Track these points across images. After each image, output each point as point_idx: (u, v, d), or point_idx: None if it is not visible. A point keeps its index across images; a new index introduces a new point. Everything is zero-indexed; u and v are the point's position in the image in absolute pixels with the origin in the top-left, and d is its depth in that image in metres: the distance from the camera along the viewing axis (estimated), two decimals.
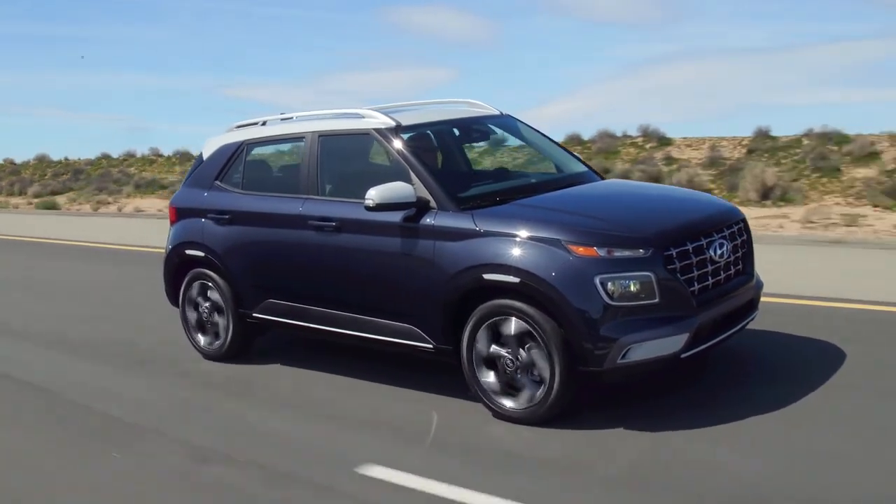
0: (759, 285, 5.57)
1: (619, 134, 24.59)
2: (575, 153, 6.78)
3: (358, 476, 4.49)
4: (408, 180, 5.41)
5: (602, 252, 4.70)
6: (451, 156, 6.47)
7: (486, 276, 4.95)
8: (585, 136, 24.95)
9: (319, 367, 6.49)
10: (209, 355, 6.88)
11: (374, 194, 5.27)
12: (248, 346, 6.84)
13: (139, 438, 5.32)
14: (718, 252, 5.06)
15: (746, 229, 5.54)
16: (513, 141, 6.95)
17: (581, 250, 4.72)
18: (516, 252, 4.86)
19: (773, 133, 21.60)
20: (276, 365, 6.70)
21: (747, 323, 5.42)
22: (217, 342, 6.80)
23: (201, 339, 6.93)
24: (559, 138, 10.08)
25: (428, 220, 5.27)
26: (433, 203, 5.30)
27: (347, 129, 6.03)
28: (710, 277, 5.01)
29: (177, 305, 7.11)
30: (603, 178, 6.38)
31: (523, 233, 4.90)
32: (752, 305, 5.44)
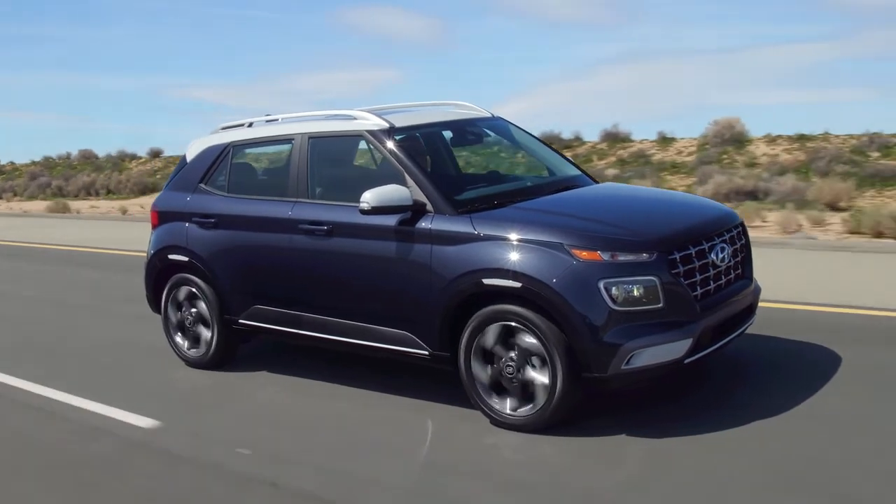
0: (758, 290, 5.53)
1: (568, 136, 25.19)
2: (567, 156, 6.71)
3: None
4: (402, 183, 5.29)
5: (606, 256, 4.62)
6: (444, 159, 6.37)
7: (486, 281, 4.84)
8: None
9: (305, 374, 6.35)
10: (192, 362, 6.70)
11: (369, 197, 5.14)
12: (232, 353, 6.67)
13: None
14: (720, 256, 5.01)
15: (745, 233, 5.49)
16: (502, 143, 6.87)
17: (585, 254, 4.63)
18: (517, 256, 4.76)
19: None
20: (263, 372, 6.54)
21: (746, 328, 5.37)
22: (201, 349, 6.62)
23: (184, 346, 6.75)
24: None
25: (424, 223, 5.15)
26: (429, 206, 5.18)
27: (339, 130, 5.90)
28: (711, 282, 4.96)
29: (159, 312, 6.92)
30: (596, 182, 6.31)
31: (524, 236, 4.80)
32: (751, 310, 5.39)
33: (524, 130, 6.69)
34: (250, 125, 6.57)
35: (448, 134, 6.26)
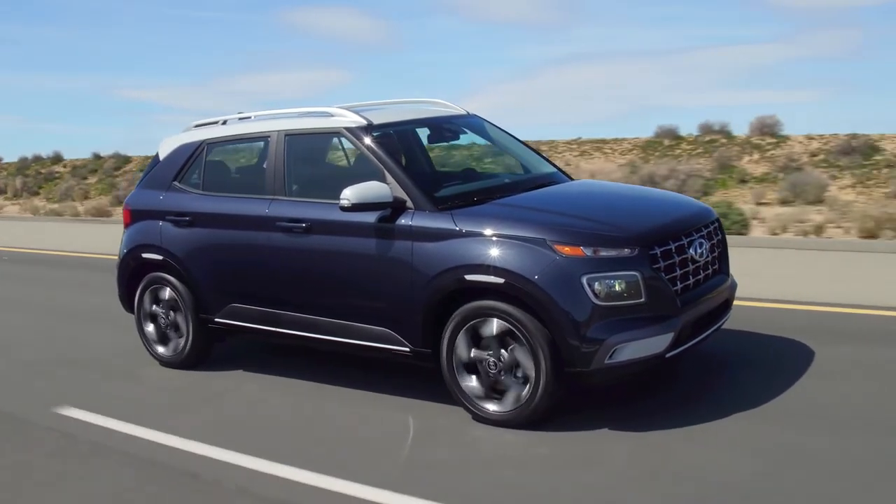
0: (734, 285, 5.59)
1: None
2: (542, 153, 6.74)
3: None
4: (382, 180, 5.27)
5: (588, 252, 4.65)
6: (419, 156, 6.36)
7: (468, 277, 4.85)
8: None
9: (281, 372, 6.30)
10: (167, 362, 6.62)
11: (349, 194, 5.12)
12: (208, 352, 6.60)
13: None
14: (698, 251, 5.07)
15: (721, 229, 5.55)
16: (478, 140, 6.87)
17: (567, 250, 4.65)
18: (500, 252, 4.77)
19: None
20: (239, 371, 6.48)
21: (723, 323, 5.43)
22: (176, 348, 6.55)
23: (158, 346, 6.67)
24: None
25: (405, 220, 5.14)
26: (410, 203, 5.18)
27: (316, 127, 5.87)
28: (691, 277, 5.01)
29: (132, 311, 6.83)
30: (572, 179, 6.34)
31: (507, 232, 4.81)
32: (727, 305, 5.46)
33: (499, 128, 6.70)
34: (224, 123, 6.51)
35: (425, 131, 6.24)
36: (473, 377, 4.98)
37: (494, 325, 4.84)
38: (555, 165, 6.49)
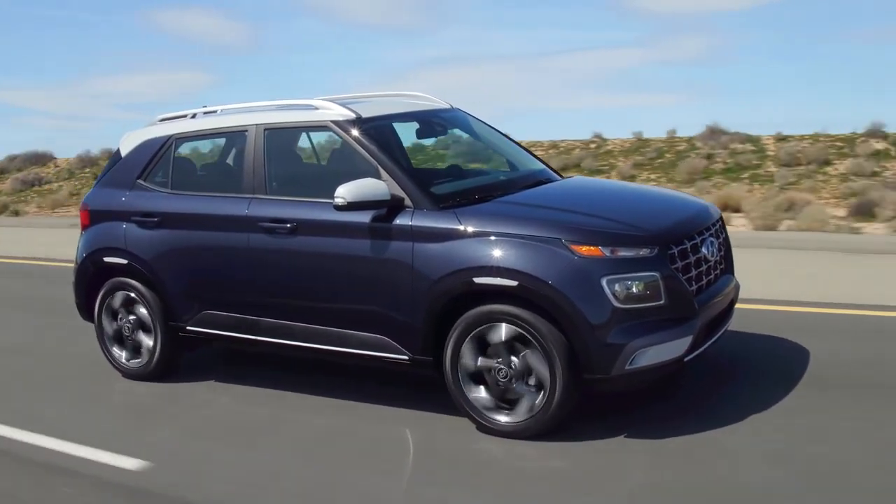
0: (738, 285, 5.43)
1: None
2: (529, 150, 6.48)
3: None
4: (376, 176, 4.95)
5: (607, 252, 4.40)
6: (407, 151, 6.04)
7: (477, 280, 4.55)
8: None
9: (258, 382, 5.91)
10: (131, 374, 6.16)
11: (344, 192, 4.77)
12: (177, 362, 6.16)
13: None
14: (710, 250, 4.88)
15: (724, 227, 5.38)
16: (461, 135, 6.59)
17: (584, 250, 4.40)
18: (511, 253, 4.49)
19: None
20: (210, 382, 6.06)
21: (729, 323, 5.26)
22: (141, 359, 6.09)
23: (122, 357, 6.19)
24: None
25: (404, 219, 4.82)
26: (408, 201, 4.86)
27: (300, 121, 5.51)
28: (704, 277, 4.82)
29: (91, 320, 6.34)
30: (563, 177, 6.10)
31: (518, 232, 4.53)
32: (733, 306, 5.29)
33: (484, 122, 6.43)
34: (193, 116, 6.08)
35: (414, 126, 5.92)
36: (481, 387, 4.69)
37: (503, 331, 4.56)
38: (543, 162, 6.25)
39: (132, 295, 6.01)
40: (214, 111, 6.03)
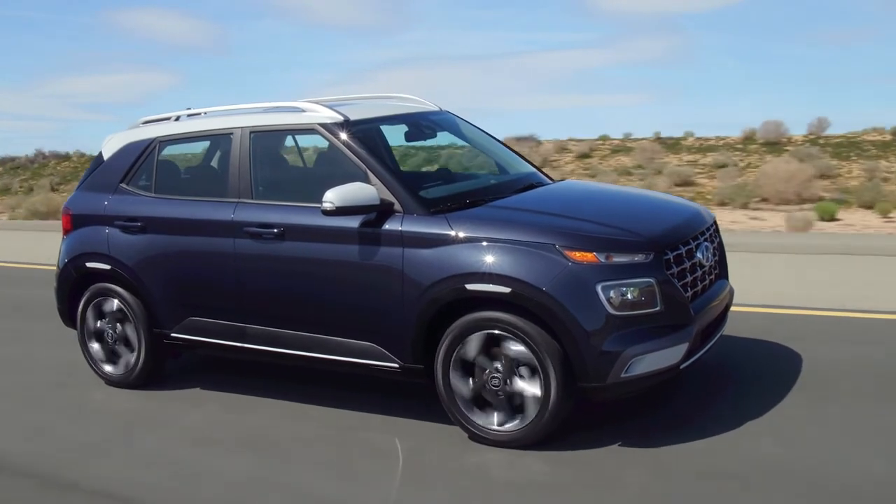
0: (732, 290, 5.35)
1: None
2: (519, 153, 6.39)
3: None
4: (364, 180, 4.85)
5: (601, 258, 4.31)
6: (389, 157, 5.93)
7: (469, 287, 4.45)
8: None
9: (244, 390, 5.79)
10: (114, 381, 6.03)
11: (332, 197, 4.66)
12: (160, 369, 6.04)
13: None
14: (705, 255, 4.81)
15: (718, 232, 5.31)
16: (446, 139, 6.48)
17: (578, 256, 4.31)
18: (504, 259, 4.39)
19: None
20: (196, 389, 5.93)
21: (723, 330, 5.18)
22: (125, 366, 5.96)
23: (105, 365, 6.06)
24: None
25: (393, 225, 4.71)
26: (398, 206, 4.76)
27: (286, 124, 5.39)
28: (699, 283, 4.74)
29: (73, 326, 6.20)
30: (553, 181, 6.01)
31: (510, 237, 4.44)
32: (727, 311, 5.21)
33: (472, 125, 6.34)
34: (177, 119, 5.96)
35: (402, 129, 5.81)
36: (473, 394, 4.59)
37: (497, 339, 4.46)
38: (534, 165, 6.16)
39: (115, 301, 5.88)
40: (199, 113, 5.93)
